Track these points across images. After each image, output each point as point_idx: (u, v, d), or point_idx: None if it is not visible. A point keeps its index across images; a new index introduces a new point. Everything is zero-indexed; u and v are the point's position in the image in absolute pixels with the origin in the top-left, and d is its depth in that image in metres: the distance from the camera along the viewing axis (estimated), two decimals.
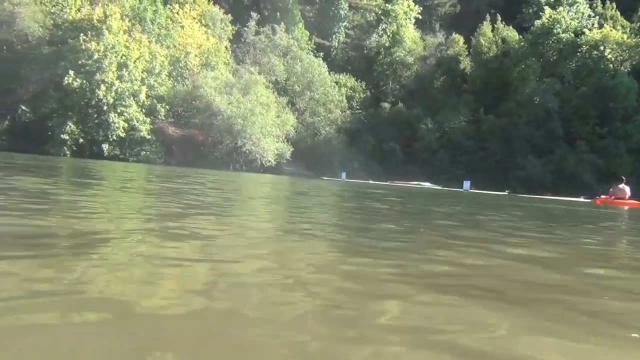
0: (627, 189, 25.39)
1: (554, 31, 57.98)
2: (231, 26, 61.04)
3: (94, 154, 45.90)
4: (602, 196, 27.46)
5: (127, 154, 47.79)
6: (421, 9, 72.36)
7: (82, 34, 46.26)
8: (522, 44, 60.11)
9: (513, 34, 61.82)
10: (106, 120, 46.83)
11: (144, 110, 48.71)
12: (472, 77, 62.97)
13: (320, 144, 57.17)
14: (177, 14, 55.30)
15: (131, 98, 47.72)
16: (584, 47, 56.94)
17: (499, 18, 64.17)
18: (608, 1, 63.53)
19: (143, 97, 48.36)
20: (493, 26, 63.87)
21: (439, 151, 56.18)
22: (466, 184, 44.67)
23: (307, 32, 66.86)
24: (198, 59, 53.70)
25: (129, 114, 47.57)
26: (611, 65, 55.77)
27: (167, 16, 54.67)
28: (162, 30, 53.15)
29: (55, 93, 46.83)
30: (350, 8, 73.73)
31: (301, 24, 66.76)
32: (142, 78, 48.60)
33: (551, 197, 36.58)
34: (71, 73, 45.16)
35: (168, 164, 45.39)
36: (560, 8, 59.81)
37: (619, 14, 62.13)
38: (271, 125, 51.79)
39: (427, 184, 46.49)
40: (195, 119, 49.95)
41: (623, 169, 43.31)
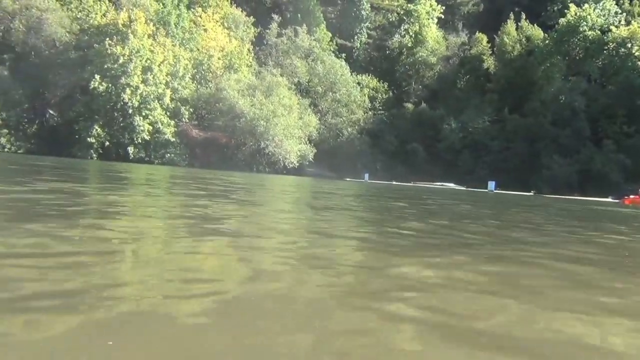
0: None
1: (580, 29, 57.08)
2: (253, 28, 61.34)
3: (119, 156, 46.58)
4: (631, 196, 26.95)
5: (152, 156, 48.36)
6: (444, 8, 71.82)
7: (107, 39, 46.96)
8: (547, 42, 59.29)
9: (538, 32, 61.01)
10: (131, 123, 47.48)
11: (168, 113, 49.24)
12: (496, 77, 62.31)
13: (342, 145, 57.10)
14: (200, 17, 55.76)
15: (156, 101, 48.29)
16: (611, 45, 55.97)
17: (523, 16, 63.37)
18: None
19: (167, 100, 48.91)
20: (517, 24, 63.12)
21: (462, 152, 55.69)
22: (491, 184, 44.27)
23: (328, 34, 66.87)
24: (221, 61, 54.09)
25: (153, 117, 48.15)
26: (639, 63, 54.66)
27: (191, 20, 55.17)
28: (186, 34, 53.65)
29: (82, 97, 47.64)
30: (372, 8, 73.45)
31: (323, 25, 66.77)
32: (167, 81, 49.15)
33: (579, 198, 36.02)
34: (97, 77, 45.88)
35: (192, 166, 45.82)
36: (586, 5, 58.80)
37: None
38: (293, 127, 51.91)
39: (451, 185, 46.16)
40: (219, 121, 50.29)
41: None
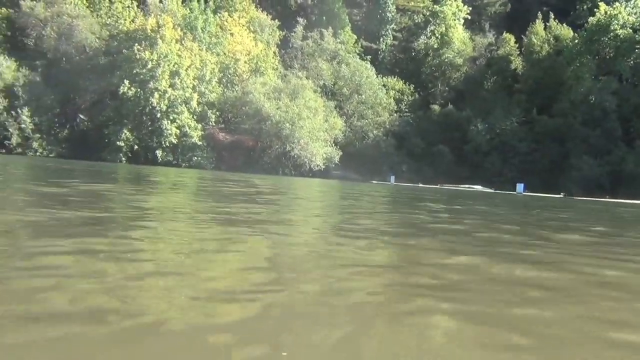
0: None
1: (611, 27, 55.89)
2: (278, 32, 61.65)
3: (147, 160, 47.25)
4: None
5: (180, 159, 48.91)
6: (470, 9, 71.17)
7: (136, 44, 47.72)
8: (576, 42, 58.22)
9: (566, 32, 60.00)
10: (159, 127, 48.13)
11: (195, 117, 49.77)
12: (524, 77, 61.44)
13: (368, 147, 56.89)
14: (227, 21, 56.26)
15: (183, 105, 48.87)
16: None
17: (551, 16, 62.39)
18: None
19: (194, 104, 49.45)
20: (545, 24, 62.17)
21: (490, 153, 54.99)
22: (519, 186, 43.67)
23: (353, 36, 66.85)
24: (247, 65, 54.50)
25: (181, 121, 48.74)
26: None
27: (217, 24, 55.72)
28: (213, 38, 54.20)
29: (111, 102, 48.48)
30: (398, 10, 73.16)
31: (348, 27, 66.78)
32: (194, 85, 49.72)
33: (611, 200, 35.31)
34: (126, 82, 46.65)
35: (218, 169, 46.21)
36: (617, 4, 57.55)
37: None
38: (319, 130, 51.94)
39: (479, 187, 45.66)
40: (245, 124, 50.60)
41: None
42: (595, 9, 58.13)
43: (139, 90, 47.09)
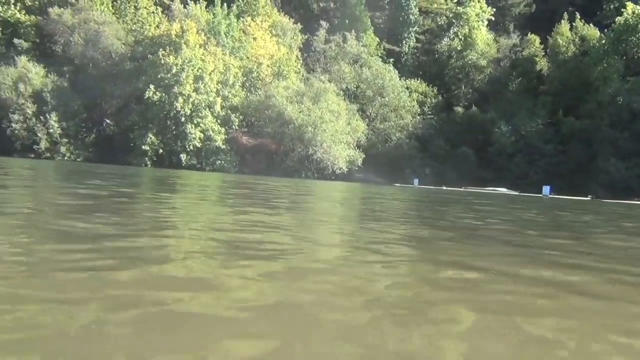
0: None
1: (638, 27, 54.85)
2: (301, 35, 61.88)
3: (172, 164, 47.80)
4: None
5: (204, 163, 49.38)
6: (494, 10, 70.60)
7: (161, 49, 48.36)
8: (603, 42, 57.20)
9: (593, 32, 59.04)
10: (184, 131, 48.66)
11: (218, 121, 50.22)
12: (550, 78, 60.62)
13: (391, 150, 56.73)
14: (250, 26, 56.68)
15: (207, 109, 49.35)
16: None
17: (577, 16, 61.47)
18: None
19: (218, 108, 49.91)
20: (571, 25, 61.28)
21: (515, 155, 54.37)
22: (546, 189, 43.09)
23: (376, 39, 66.78)
24: (270, 69, 54.82)
25: (204, 125, 49.21)
26: None
27: (240, 29, 56.18)
28: (236, 43, 54.66)
29: (137, 106, 49.19)
30: (421, 12, 72.85)
31: (370, 30, 66.76)
32: (217, 89, 50.18)
33: None
34: (151, 87, 47.28)
35: (241, 173, 46.51)
36: None
37: None
38: (341, 133, 51.96)
39: (504, 190, 45.15)
40: (268, 128, 50.87)
41: None
42: (623, 9, 57.09)
43: (163, 94, 47.67)
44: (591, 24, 60.42)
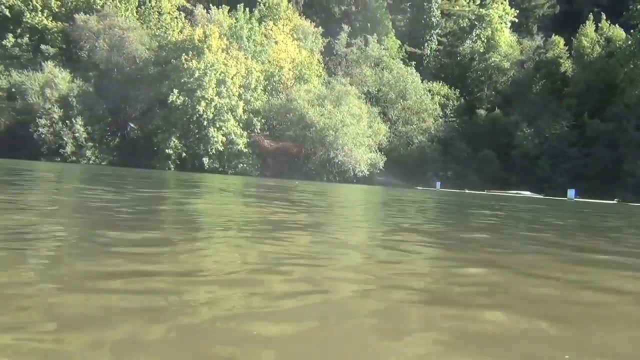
0: None
1: None
2: (322, 39, 61.91)
3: (195, 167, 48.21)
4: None
5: (226, 166, 49.67)
6: (517, 11, 69.84)
7: (184, 54, 48.83)
8: (629, 43, 56.21)
9: (619, 33, 58.06)
10: (206, 135, 49.01)
11: (240, 125, 50.47)
12: (574, 80, 59.69)
13: (413, 153, 56.40)
14: (271, 30, 56.91)
15: (229, 113, 49.64)
16: None
17: (602, 17, 60.48)
18: None
19: (240, 111, 50.17)
20: (596, 25, 60.34)
21: (539, 158, 53.61)
22: (571, 192, 42.54)
23: (397, 42, 66.55)
24: (291, 72, 54.94)
25: (227, 129, 49.50)
26: None
27: (262, 33, 56.45)
28: (258, 47, 54.92)
29: (160, 111, 49.69)
30: (443, 15, 72.36)
31: (392, 33, 66.56)
32: (239, 93, 50.45)
33: None
34: (175, 91, 47.74)
35: (264, 176, 46.71)
36: None
37: None
38: (363, 136, 51.81)
39: (527, 193, 44.65)
40: (289, 131, 50.95)
41: None
42: None
43: (186, 99, 48.08)
44: (617, 25, 59.38)
